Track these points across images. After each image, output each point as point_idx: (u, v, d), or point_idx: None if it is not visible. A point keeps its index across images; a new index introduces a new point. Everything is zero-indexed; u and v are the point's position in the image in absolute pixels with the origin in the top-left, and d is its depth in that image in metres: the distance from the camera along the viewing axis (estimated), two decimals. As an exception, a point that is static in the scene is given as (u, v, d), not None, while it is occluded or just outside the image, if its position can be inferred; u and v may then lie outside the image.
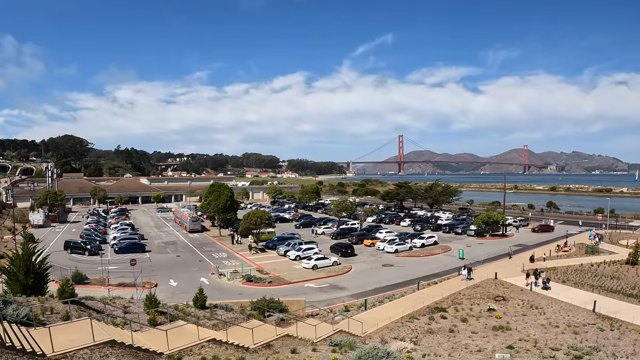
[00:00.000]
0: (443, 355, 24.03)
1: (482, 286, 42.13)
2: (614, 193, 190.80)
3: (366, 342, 24.91)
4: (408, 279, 44.53)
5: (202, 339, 18.88)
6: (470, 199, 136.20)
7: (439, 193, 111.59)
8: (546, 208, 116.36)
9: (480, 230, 72.34)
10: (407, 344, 24.74)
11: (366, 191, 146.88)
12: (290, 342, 22.36)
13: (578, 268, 49.71)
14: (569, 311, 35.15)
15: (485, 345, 26.83)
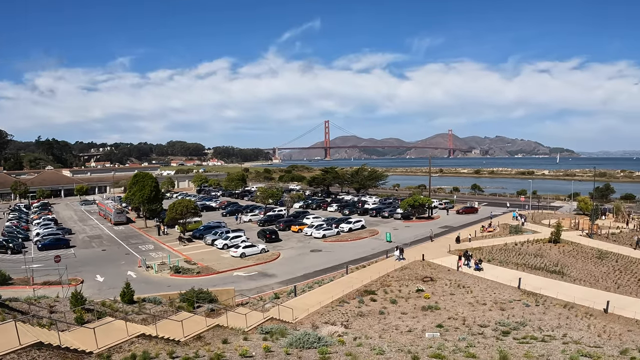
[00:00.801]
0: (374, 337, 28.17)
1: (410, 268, 50.06)
2: (536, 175, 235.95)
3: (297, 328, 29.24)
4: (337, 264, 53.38)
5: (132, 334, 21.88)
6: (397, 183, 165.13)
7: (365, 178, 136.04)
8: (471, 190, 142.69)
9: (407, 214, 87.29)
10: (338, 328, 29.31)
11: (293, 177, 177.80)
12: (221, 332, 26.18)
13: (503, 247, 60.58)
14: (495, 289, 43.18)
15: (415, 325, 32.14)
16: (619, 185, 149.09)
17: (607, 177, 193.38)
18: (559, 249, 59.94)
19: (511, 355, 21.23)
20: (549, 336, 28.69)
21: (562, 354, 22.70)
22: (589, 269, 51.37)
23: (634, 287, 44.28)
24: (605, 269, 51.13)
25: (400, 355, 20.33)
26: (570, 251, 58.82)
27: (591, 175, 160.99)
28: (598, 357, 21.85)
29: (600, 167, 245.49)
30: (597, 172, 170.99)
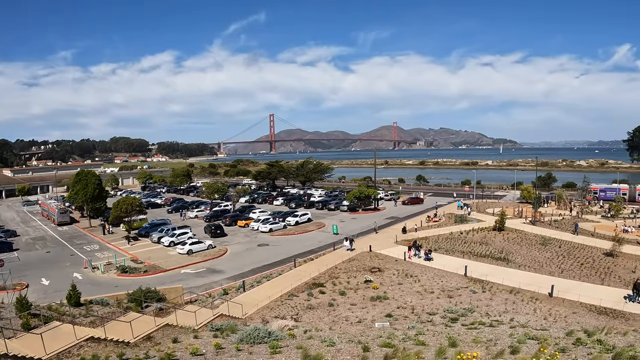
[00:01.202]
0: (324, 329, 28.52)
1: (358, 259, 51.52)
2: (480, 166, 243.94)
3: (247, 323, 29.90)
4: (284, 257, 54.60)
5: (80, 338, 22.22)
6: (342, 176, 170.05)
7: (311, 171, 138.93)
8: (416, 181, 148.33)
9: (353, 206, 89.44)
10: (288, 321, 29.98)
11: (238, 171, 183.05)
12: (171, 331, 26.82)
13: (449, 236, 62.76)
14: (442, 277, 44.71)
15: (365, 315, 32.98)
16: (560, 174, 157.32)
17: (549, 167, 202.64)
18: (504, 236, 62.25)
19: (460, 341, 21.39)
20: (496, 321, 29.51)
21: (510, 337, 23.17)
22: (533, 255, 53.61)
23: (577, 271, 46.67)
24: (549, 254, 53.54)
25: (350, 346, 20.35)
26: (515, 238, 61.20)
27: (533, 164, 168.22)
28: (544, 339, 22.45)
29: (542, 157, 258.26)
30: (539, 162, 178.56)
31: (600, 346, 19.90)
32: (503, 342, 21.65)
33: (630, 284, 41.45)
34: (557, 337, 23.58)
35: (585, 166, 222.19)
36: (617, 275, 45.06)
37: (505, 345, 19.88)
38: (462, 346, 19.22)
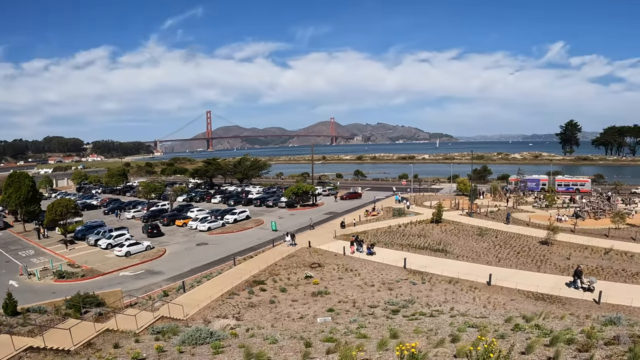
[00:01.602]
0: (266, 327, 28.72)
1: (298, 255, 52.22)
2: (417, 160, 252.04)
3: (189, 324, 30.10)
4: (224, 256, 54.99)
5: (19, 348, 22.01)
6: (280, 172, 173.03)
7: (248, 167, 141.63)
8: (354, 176, 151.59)
9: (291, 202, 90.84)
10: (230, 320, 30.37)
11: (175, 170, 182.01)
12: (112, 336, 26.90)
13: (387, 230, 63.87)
14: (382, 270, 45.48)
15: (307, 311, 33.61)
16: (495, 167, 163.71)
17: (485, 160, 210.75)
18: (441, 228, 63.84)
19: (401, 332, 21.73)
20: (437, 311, 30.28)
21: (450, 326, 23.65)
22: (470, 245, 55.05)
23: (514, 260, 48.23)
24: (485, 244, 55.12)
25: (293, 343, 20.46)
26: (452, 230, 62.84)
27: (469, 158, 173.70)
28: (484, 326, 22.91)
29: (478, 150, 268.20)
30: (474, 155, 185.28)
31: (538, 331, 20.40)
32: (444, 331, 21.97)
33: (565, 270, 43.44)
34: (496, 324, 24.09)
35: (519, 159, 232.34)
36: (552, 262, 46.83)
37: (446, 334, 20.15)
38: (404, 337, 19.52)
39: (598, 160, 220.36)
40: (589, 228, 60.70)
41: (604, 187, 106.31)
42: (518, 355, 13.49)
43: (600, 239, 54.45)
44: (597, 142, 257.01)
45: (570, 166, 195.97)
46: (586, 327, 19.90)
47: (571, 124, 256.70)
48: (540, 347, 14.57)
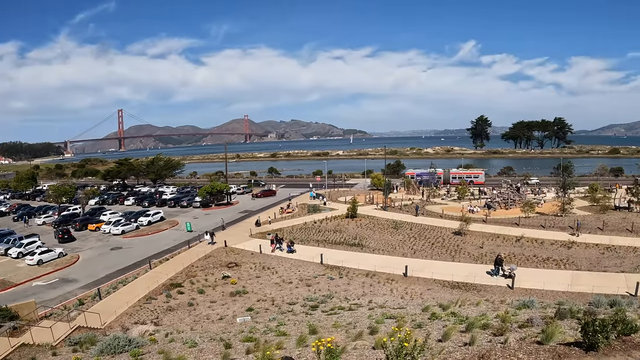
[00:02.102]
0: (186, 330, 28.51)
1: (214, 255, 51.55)
2: (331, 156, 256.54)
3: (107, 333, 29.15)
4: (139, 260, 53.43)
5: None
6: (194, 171, 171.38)
7: (162, 167, 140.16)
8: (268, 174, 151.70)
9: (206, 201, 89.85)
10: (148, 326, 29.91)
11: (87, 172, 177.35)
12: (28, 351, 26.27)
13: (303, 226, 64.28)
14: (299, 267, 45.64)
15: (226, 312, 33.65)
16: (408, 161, 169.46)
17: (398, 155, 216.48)
18: (357, 223, 64.94)
19: (320, 327, 21.96)
20: (355, 304, 30.77)
21: (369, 319, 24.12)
22: (386, 238, 56.36)
23: (429, 251, 49.92)
24: (401, 237, 56.64)
25: (213, 345, 20.63)
26: (367, 224, 64.04)
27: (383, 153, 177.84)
28: (402, 317, 23.40)
29: (391, 145, 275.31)
30: (388, 151, 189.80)
31: (454, 318, 21.04)
32: (362, 323, 22.31)
33: (478, 259, 45.75)
34: (414, 314, 24.70)
35: (432, 153, 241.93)
36: (466, 251, 48.93)
37: (365, 326, 20.48)
38: (323, 332, 19.75)
39: (508, 154, 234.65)
40: (500, 218, 63.98)
41: (514, 179, 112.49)
42: (435, 343, 13.68)
43: (512, 228, 57.44)
44: (506, 136, 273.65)
45: (482, 159, 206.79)
46: (501, 312, 20.70)
47: (482, 119, 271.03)
48: (457, 334, 14.89)
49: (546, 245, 49.86)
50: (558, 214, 63.04)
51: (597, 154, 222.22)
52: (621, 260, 43.27)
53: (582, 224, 56.68)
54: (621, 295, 29.95)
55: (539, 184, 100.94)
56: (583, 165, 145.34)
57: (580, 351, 9.92)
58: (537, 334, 12.61)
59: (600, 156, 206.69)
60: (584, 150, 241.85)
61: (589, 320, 10.20)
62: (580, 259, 44.15)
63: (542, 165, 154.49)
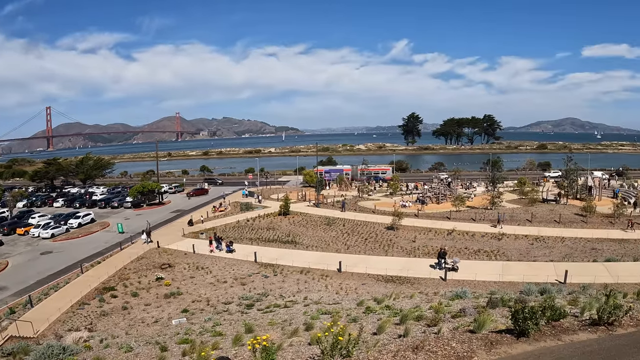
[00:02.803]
0: (121, 335, 27.95)
1: (147, 257, 50.63)
2: (263, 153, 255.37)
3: (40, 341, 28.17)
4: (71, 264, 51.79)
5: None
6: (125, 171, 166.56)
7: (91, 167, 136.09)
8: (200, 172, 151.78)
9: (137, 201, 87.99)
10: (82, 333, 28.94)
11: (14, 173, 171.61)
12: None
13: (236, 225, 63.82)
14: (233, 266, 45.29)
15: (161, 314, 33.24)
16: (341, 158, 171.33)
17: (330, 151, 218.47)
18: (289, 220, 65.10)
19: (256, 325, 22.08)
20: (291, 302, 30.81)
21: (304, 315, 24.38)
22: (319, 235, 56.68)
23: (362, 246, 50.55)
24: (334, 233, 57.12)
25: (149, 348, 20.53)
26: (300, 221, 64.30)
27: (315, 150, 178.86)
28: (337, 312, 23.64)
29: (324, 142, 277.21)
30: (320, 147, 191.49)
31: (389, 311, 21.39)
32: (298, 320, 22.46)
33: (411, 252, 46.99)
34: (349, 309, 24.97)
35: (364, 150, 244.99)
36: (399, 246, 49.91)
37: (300, 323, 20.61)
38: (259, 330, 19.80)
39: (439, 150, 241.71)
40: (432, 212, 65.60)
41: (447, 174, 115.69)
42: (370, 336, 13.77)
43: (443, 222, 59.07)
44: (437, 133, 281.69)
45: (413, 155, 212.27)
46: (434, 303, 21.21)
47: (413, 116, 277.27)
48: (391, 326, 15.09)
49: (477, 237, 51.65)
50: (488, 208, 65.36)
51: (526, 149, 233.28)
52: (550, 250, 45.48)
53: (512, 216, 59.56)
54: (551, 283, 31.43)
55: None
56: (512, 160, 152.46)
57: (512, 337, 10.19)
58: (469, 323, 12.90)
59: (528, 151, 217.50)
60: (513, 146, 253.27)
61: (519, 307, 10.50)
62: (510, 250, 46.03)
63: (472, 160, 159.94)
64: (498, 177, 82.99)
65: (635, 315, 11.24)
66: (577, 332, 10.39)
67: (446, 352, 10.08)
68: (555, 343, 9.67)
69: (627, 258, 40.59)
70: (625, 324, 10.49)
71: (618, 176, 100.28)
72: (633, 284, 31.62)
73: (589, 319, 11.41)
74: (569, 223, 55.61)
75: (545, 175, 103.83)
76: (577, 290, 26.40)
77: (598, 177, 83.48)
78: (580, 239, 48.97)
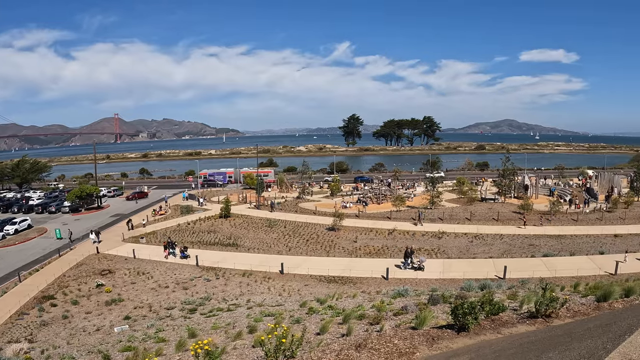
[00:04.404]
0: (62, 345, 26.99)
1: (86, 263, 48.84)
2: (204, 155, 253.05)
3: None
4: (7, 272, 49.42)
5: None
6: (62, 174, 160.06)
7: (27, 170, 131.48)
8: (140, 175, 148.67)
9: (75, 206, 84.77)
10: (22, 344, 27.98)
11: None
12: None
13: (177, 228, 62.59)
14: (175, 270, 44.49)
15: (103, 322, 32.17)
16: (281, 159, 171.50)
17: (271, 153, 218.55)
18: (230, 222, 64.52)
19: (200, 330, 22.10)
20: (234, 305, 30.70)
21: (247, 318, 24.37)
22: (260, 237, 56.36)
23: (304, 247, 50.63)
24: (275, 235, 56.94)
25: (91, 358, 20.39)
26: (241, 223, 63.78)
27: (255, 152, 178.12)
28: (280, 314, 23.72)
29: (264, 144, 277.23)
30: (261, 149, 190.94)
31: (331, 311, 21.55)
32: (241, 323, 22.49)
33: (353, 252, 47.49)
34: (292, 310, 25.07)
35: (304, 151, 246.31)
36: (340, 246, 50.25)
37: (244, 326, 20.62)
38: (202, 335, 19.83)
39: (379, 151, 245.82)
40: (373, 212, 66.36)
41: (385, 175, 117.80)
42: (314, 337, 13.85)
43: (384, 221, 59.93)
44: (377, 134, 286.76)
45: (353, 157, 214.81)
46: (377, 302, 21.49)
47: (354, 117, 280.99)
48: (335, 326, 15.19)
49: (417, 236, 52.71)
50: (428, 207, 66.79)
51: (465, 150, 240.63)
52: (489, 247, 47.03)
53: (452, 215, 61.52)
54: (491, 279, 32.64)
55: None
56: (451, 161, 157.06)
57: (453, 332, 10.39)
58: (411, 320, 13.09)
59: (467, 152, 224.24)
60: (452, 147, 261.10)
61: (459, 303, 10.73)
62: (450, 248, 47.25)
63: (412, 161, 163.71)
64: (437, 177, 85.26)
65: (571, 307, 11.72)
66: (516, 324, 10.73)
67: (389, 349, 10.17)
68: (495, 336, 9.94)
69: (564, 253, 42.75)
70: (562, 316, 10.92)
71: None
72: (570, 278, 33.24)
73: (527, 312, 11.81)
74: (507, 221, 57.69)
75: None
76: (517, 285, 27.46)
77: (534, 176, 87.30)
78: (518, 235, 50.94)
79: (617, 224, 54.47)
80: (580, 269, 35.91)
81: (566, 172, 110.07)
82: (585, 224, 55.31)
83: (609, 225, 53.44)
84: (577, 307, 11.84)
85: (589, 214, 60.86)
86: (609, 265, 36.59)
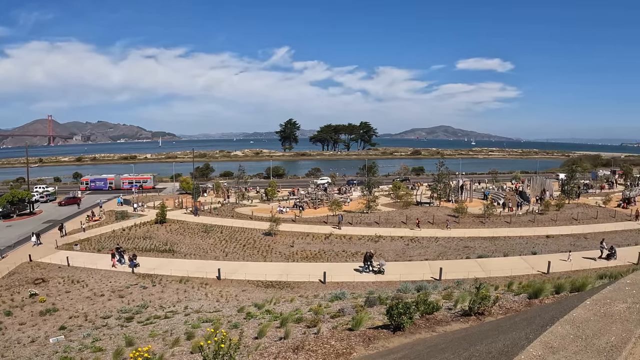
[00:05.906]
0: None
1: (19, 272, 46.60)
2: (139, 159, 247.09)
3: None
4: None
5: None
6: None
7: None
8: (73, 180, 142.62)
9: (7, 212, 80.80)
10: None
11: None
12: None
13: (111, 234, 60.57)
14: (110, 278, 42.99)
15: (37, 333, 30.64)
16: (218, 164, 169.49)
17: (207, 158, 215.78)
18: (166, 228, 63.21)
19: (137, 338, 21.76)
20: (171, 312, 30.16)
21: (185, 325, 24.22)
22: (197, 243, 55.55)
23: (241, 253, 50.27)
24: (212, 240, 56.30)
25: None
26: (178, 229, 62.63)
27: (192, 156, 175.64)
28: (218, 319, 23.64)
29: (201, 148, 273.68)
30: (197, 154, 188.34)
31: (269, 315, 21.65)
32: (179, 330, 22.38)
33: (289, 257, 47.45)
34: (229, 315, 25.00)
35: (241, 156, 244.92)
36: (277, 251, 50.18)
37: (182, 332, 20.50)
38: (140, 343, 19.61)
39: (316, 155, 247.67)
40: (310, 217, 66.84)
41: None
42: (252, 341, 13.95)
43: (321, 226, 60.51)
44: (314, 139, 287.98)
45: (290, 161, 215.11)
46: (314, 305, 21.70)
47: (290, 122, 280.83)
48: (272, 330, 15.33)
49: (354, 240, 53.43)
50: (364, 211, 67.75)
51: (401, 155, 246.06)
52: (425, 250, 48.18)
53: (388, 219, 62.74)
54: (427, 281, 33.49)
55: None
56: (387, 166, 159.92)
57: (389, 332, 10.69)
58: (348, 321, 13.36)
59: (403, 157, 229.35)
60: (388, 152, 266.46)
61: (394, 304, 11.03)
62: (387, 251, 48.08)
63: (348, 166, 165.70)
64: (373, 181, 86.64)
65: (504, 304, 12.36)
66: (450, 323, 11.17)
67: (326, 350, 10.35)
68: (429, 334, 10.30)
69: (498, 254, 44.42)
70: (495, 313, 11.45)
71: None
72: (504, 277, 34.53)
73: (461, 311, 12.33)
74: (441, 224, 59.33)
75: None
76: (452, 286, 28.32)
77: (468, 181, 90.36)
78: (453, 238, 52.56)
79: (549, 225, 57.36)
80: (513, 268, 37.40)
81: (500, 177, 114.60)
82: (518, 226, 57.98)
83: (541, 227, 56.28)
84: (509, 304, 12.48)
85: (522, 216, 63.80)
86: (541, 264, 38.29)
